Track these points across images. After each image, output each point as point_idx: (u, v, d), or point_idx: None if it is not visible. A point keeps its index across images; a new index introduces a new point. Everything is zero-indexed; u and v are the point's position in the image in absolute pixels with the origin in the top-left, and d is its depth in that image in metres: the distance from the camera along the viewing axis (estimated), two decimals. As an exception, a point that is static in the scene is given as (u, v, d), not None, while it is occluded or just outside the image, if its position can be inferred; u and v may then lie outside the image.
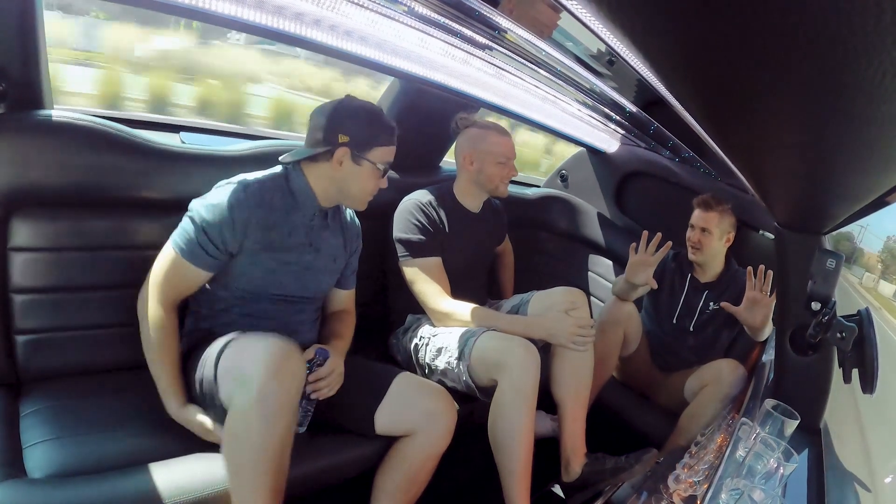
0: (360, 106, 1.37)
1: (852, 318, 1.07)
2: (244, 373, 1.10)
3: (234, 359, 1.17)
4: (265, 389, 1.06)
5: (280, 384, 1.08)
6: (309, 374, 1.29)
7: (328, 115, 1.35)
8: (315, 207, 1.40)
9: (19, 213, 1.29)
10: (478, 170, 1.83)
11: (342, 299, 1.61)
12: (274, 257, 1.34)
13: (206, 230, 1.26)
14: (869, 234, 5.93)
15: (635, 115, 1.79)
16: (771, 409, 1.03)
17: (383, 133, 1.39)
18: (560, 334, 1.63)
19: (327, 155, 1.35)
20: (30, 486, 1.05)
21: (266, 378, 1.07)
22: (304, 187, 1.38)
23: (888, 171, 0.59)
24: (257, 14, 1.27)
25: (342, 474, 1.42)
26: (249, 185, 1.30)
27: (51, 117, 1.30)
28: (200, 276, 1.30)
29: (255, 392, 1.06)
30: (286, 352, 1.12)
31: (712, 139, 0.70)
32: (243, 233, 1.28)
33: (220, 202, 1.26)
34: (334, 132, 1.34)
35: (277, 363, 1.09)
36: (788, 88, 0.39)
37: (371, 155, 1.37)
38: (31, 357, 1.33)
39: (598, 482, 1.62)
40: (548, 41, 1.16)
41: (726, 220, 1.99)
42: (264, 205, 1.31)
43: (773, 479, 0.86)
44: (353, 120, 1.35)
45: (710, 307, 2.04)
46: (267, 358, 1.09)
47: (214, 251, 1.27)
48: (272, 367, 1.08)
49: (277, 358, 1.10)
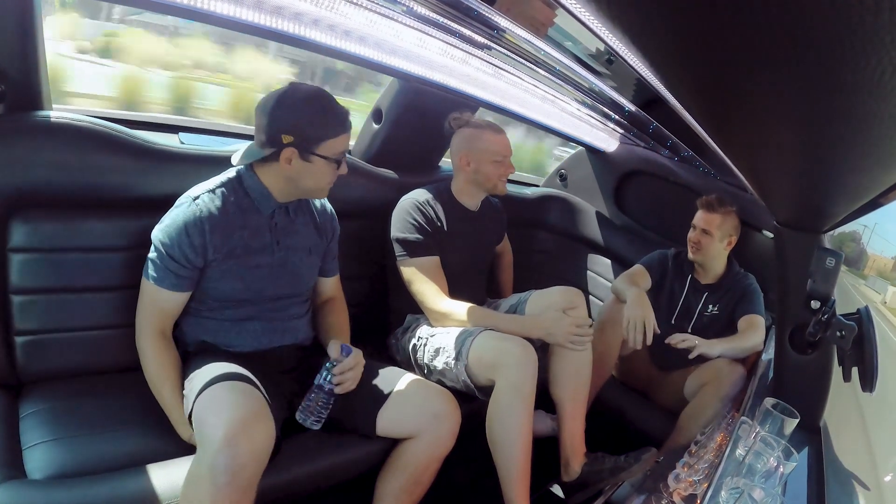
0: (302, 98, 1.28)
1: (852, 316, 1.08)
2: (203, 431, 1.07)
3: (203, 409, 1.13)
4: (218, 461, 1.01)
5: (233, 457, 1.02)
6: (332, 367, 1.31)
7: (269, 114, 1.27)
8: (274, 205, 1.37)
9: (18, 214, 1.29)
10: (475, 169, 1.83)
11: (329, 287, 1.60)
12: (241, 263, 1.32)
13: (168, 254, 1.26)
14: (875, 236, 5.27)
15: (634, 114, 1.79)
16: (771, 407, 1.03)
17: (331, 124, 1.30)
18: (558, 334, 1.63)
19: (275, 156, 1.30)
20: (30, 487, 1.05)
21: (221, 446, 1.02)
22: (259, 187, 1.34)
23: (887, 170, 0.59)
24: (256, 14, 1.27)
25: (344, 474, 1.42)
26: (199, 198, 1.29)
27: (49, 118, 1.30)
28: (177, 297, 1.30)
29: (209, 461, 1.02)
30: (250, 420, 1.07)
31: (711, 138, 0.70)
32: (202, 246, 1.27)
33: (173, 222, 1.27)
34: (277, 133, 1.27)
35: (235, 432, 1.03)
36: (787, 87, 0.39)
37: (321, 150, 1.30)
38: (31, 358, 1.33)
39: (598, 481, 1.62)
40: (546, 40, 1.16)
41: (729, 222, 1.98)
42: (218, 212, 1.29)
43: (772, 478, 0.86)
44: (295, 117, 1.27)
45: (709, 310, 2.04)
46: (227, 424, 1.04)
47: (182, 270, 1.27)
48: (229, 435, 1.03)
49: (237, 426, 1.04)
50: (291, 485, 1.29)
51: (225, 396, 1.13)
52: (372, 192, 1.97)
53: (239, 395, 1.14)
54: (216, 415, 1.08)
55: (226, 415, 1.06)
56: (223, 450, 1.02)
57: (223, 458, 1.01)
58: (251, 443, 1.05)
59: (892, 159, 0.53)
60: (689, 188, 2.42)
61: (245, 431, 1.05)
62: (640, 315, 1.78)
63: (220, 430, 1.03)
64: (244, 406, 1.10)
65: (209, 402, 1.13)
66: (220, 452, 1.02)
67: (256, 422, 1.08)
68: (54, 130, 1.30)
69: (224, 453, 1.02)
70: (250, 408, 1.10)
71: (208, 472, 1.02)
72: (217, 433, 1.03)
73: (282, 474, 1.26)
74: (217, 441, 1.02)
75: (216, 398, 1.13)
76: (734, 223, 1.99)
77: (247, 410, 1.09)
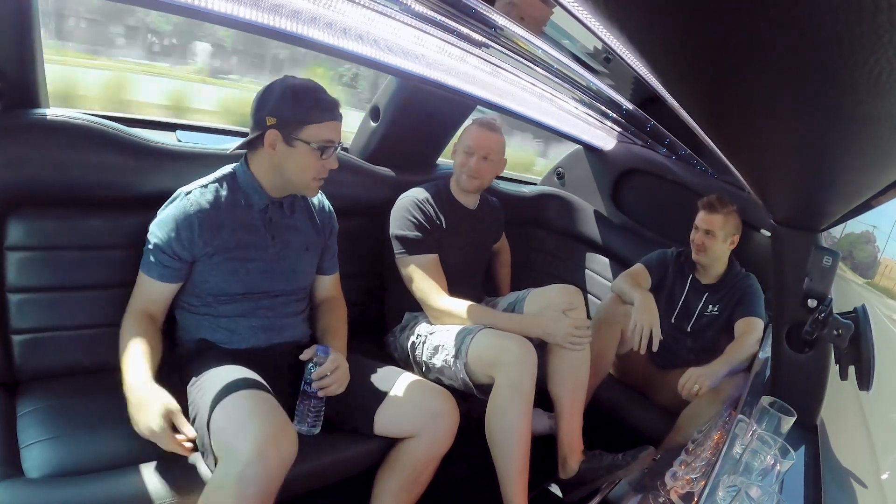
0: (289, 85, 1.31)
1: (849, 315, 1.08)
2: (231, 447, 1.07)
3: (225, 423, 1.11)
4: (248, 472, 1.03)
5: (265, 469, 1.04)
6: (312, 372, 1.29)
7: (257, 100, 1.32)
8: (266, 199, 1.38)
9: (15, 213, 1.28)
10: (454, 162, 1.85)
11: (327, 285, 1.60)
12: (234, 258, 1.33)
13: (158, 246, 1.29)
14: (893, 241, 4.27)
15: (632, 112, 1.79)
16: (768, 405, 1.04)
17: (315, 109, 1.31)
18: (557, 334, 1.63)
19: (260, 140, 1.31)
20: (27, 486, 1.05)
21: (252, 458, 1.03)
22: (250, 180, 1.36)
23: (885, 169, 0.59)
24: (254, 12, 1.27)
25: (343, 473, 1.42)
26: (190, 193, 1.32)
27: (46, 116, 1.29)
28: (163, 287, 1.32)
29: (237, 471, 1.03)
30: (277, 432, 1.08)
31: (708, 136, 0.70)
32: (190, 240, 1.29)
33: (166, 216, 1.30)
34: (262, 115, 1.30)
35: (266, 445, 1.05)
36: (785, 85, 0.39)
37: (303, 134, 1.30)
38: (28, 357, 1.33)
39: (596, 479, 1.63)
40: (544, 39, 1.16)
41: (731, 222, 1.96)
42: (209, 207, 1.30)
43: (769, 476, 0.87)
44: (280, 100, 1.29)
45: (709, 310, 2.03)
46: (256, 437, 1.05)
47: (170, 262, 1.29)
48: (261, 448, 1.04)
49: (267, 439, 1.06)
50: (290, 483, 1.29)
51: (248, 406, 1.13)
52: (370, 190, 1.97)
53: (263, 405, 1.14)
54: (242, 426, 1.08)
55: (253, 427, 1.07)
56: (254, 462, 1.03)
57: (254, 469, 1.03)
58: (280, 454, 1.07)
59: (888, 159, 0.53)
60: (686, 187, 2.42)
61: (275, 444, 1.06)
62: (647, 321, 1.79)
63: (248, 443, 1.04)
64: (270, 418, 1.11)
65: (232, 412, 1.12)
66: (250, 464, 1.03)
67: (283, 434, 1.10)
68: (51, 129, 1.29)
69: (255, 465, 1.03)
70: (276, 419, 1.11)
71: (236, 482, 1.02)
72: (246, 445, 1.04)
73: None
74: (247, 453, 1.03)
75: (239, 408, 1.12)
76: (736, 223, 1.98)
77: (274, 422, 1.10)
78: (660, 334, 1.78)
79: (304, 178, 1.35)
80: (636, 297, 1.89)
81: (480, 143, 1.81)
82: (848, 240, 4.28)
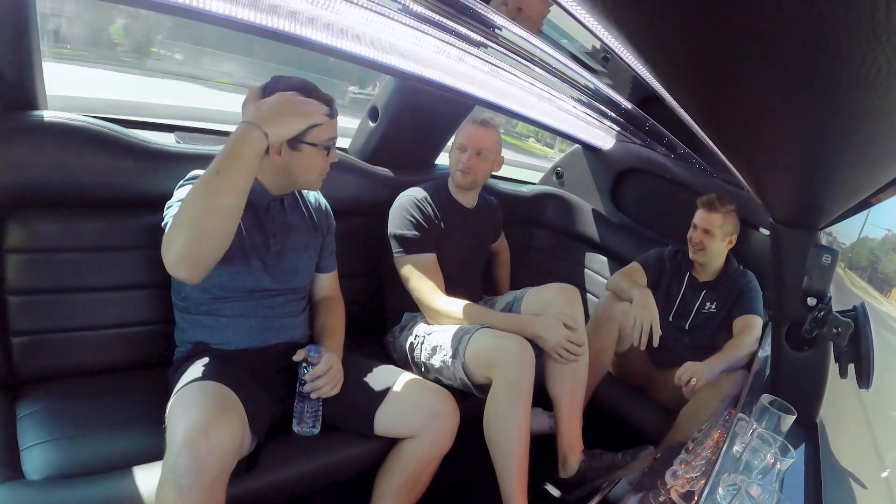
0: (284, 88, 1.26)
1: (848, 313, 1.08)
2: (168, 437, 1.04)
3: (170, 412, 1.10)
4: (179, 462, 0.99)
5: (194, 458, 0.99)
6: (306, 374, 1.29)
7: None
8: (268, 198, 1.38)
9: (14, 215, 1.28)
10: (450, 160, 1.87)
11: (326, 284, 1.59)
12: (234, 257, 1.31)
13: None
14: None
15: (630, 112, 1.79)
16: (767, 404, 1.04)
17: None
18: (549, 340, 1.62)
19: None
20: (27, 488, 1.05)
21: (180, 447, 1.00)
22: (252, 183, 1.34)
23: (884, 167, 0.59)
24: (252, 13, 1.27)
25: (343, 473, 1.42)
26: None
27: (44, 118, 1.29)
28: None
29: (171, 461, 1.00)
30: (210, 421, 1.03)
31: (707, 135, 0.70)
32: None
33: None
34: None
35: (195, 433, 1.01)
36: (783, 84, 0.39)
37: (308, 137, 1.29)
38: (28, 359, 1.33)
39: (595, 479, 1.62)
40: (543, 38, 1.16)
41: (730, 221, 1.97)
42: None
43: (769, 474, 0.87)
44: None
45: (706, 307, 2.03)
46: (187, 425, 1.02)
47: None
48: (188, 436, 1.00)
49: (196, 427, 1.02)
50: (289, 483, 1.29)
51: (191, 397, 1.11)
52: (368, 190, 1.97)
53: (204, 395, 1.11)
54: (179, 416, 1.06)
55: (188, 415, 1.05)
56: (182, 451, 1.00)
57: (183, 459, 0.99)
58: (210, 443, 1.02)
59: (887, 156, 0.54)
60: (685, 186, 2.42)
61: (204, 432, 1.02)
62: (647, 317, 1.80)
63: (179, 432, 1.02)
64: (207, 406, 1.07)
65: (177, 404, 1.11)
66: (179, 454, 1.00)
67: (217, 421, 1.05)
68: (50, 130, 1.29)
69: (184, 455, 0.99)
70: (213, 407, 1.08)
71: (171, 472, 1.00)
72: (177, 434, 1.02)
73: (280, 473, 1.27)
74: (177, 443, 1.01)
75: (183, 400, 1.11)
76: (735, 222, 1.98)
77: (209, 410, 1.06)
78: (660, 330, 1.79)
79: (310, 176, 1.36)
80: (635, 294, 1.89)
81: (473, 139, 1.81)
82: (866, 246, 3.60)
